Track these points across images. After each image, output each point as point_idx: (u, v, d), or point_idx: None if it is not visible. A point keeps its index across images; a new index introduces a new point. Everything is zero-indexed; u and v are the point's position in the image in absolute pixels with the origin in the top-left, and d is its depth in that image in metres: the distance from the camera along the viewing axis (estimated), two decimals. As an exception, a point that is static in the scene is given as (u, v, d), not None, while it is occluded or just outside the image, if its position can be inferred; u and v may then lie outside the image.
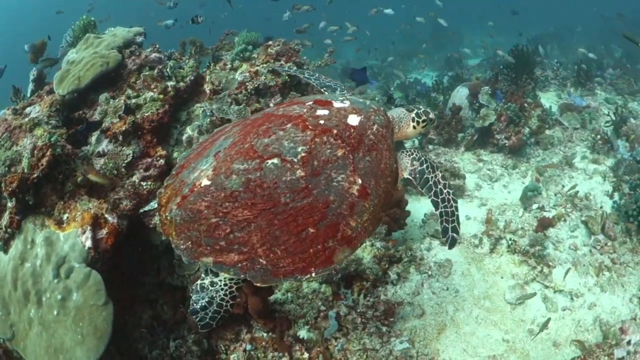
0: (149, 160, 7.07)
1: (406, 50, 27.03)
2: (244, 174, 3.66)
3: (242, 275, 3.55)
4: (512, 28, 23.61)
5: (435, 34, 27.97)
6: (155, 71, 7.65)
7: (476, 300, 7.98)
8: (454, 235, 4.32)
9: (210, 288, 4.04)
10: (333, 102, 4.22)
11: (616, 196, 10.05)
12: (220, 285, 4.02)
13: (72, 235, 6.10)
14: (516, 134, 11.37)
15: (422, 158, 4.47)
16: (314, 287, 7.11)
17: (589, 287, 8.32)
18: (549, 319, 7.40)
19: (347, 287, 7.24)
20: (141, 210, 5.58)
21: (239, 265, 3.54)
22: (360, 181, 3.77)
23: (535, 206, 9.87)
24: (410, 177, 4.41)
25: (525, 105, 11.72)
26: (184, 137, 7.34)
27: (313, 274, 3.59)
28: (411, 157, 4.46)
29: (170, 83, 7.55)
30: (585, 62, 15.00)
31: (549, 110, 12.13)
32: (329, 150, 3.77)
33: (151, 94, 7.41)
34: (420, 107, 4.90)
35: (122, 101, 7.36)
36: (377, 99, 14.68)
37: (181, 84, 7.68)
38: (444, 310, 7.74)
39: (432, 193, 4.37)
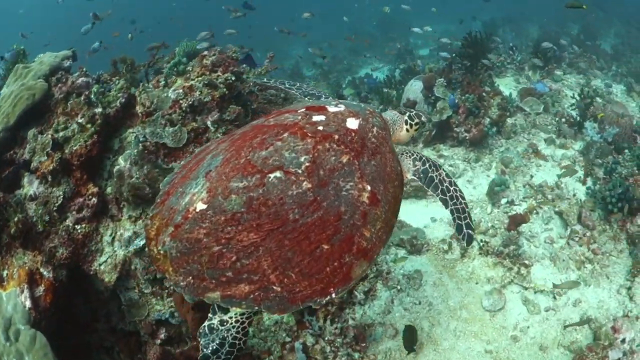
0: (81, 200, 6.48)
1: (355, 46, 26.52)
2: (245, 192, 3.41)
3: (256, 308, 3.28)
4: (466, 14, 23.39)
5: (384, 26, 27.80)
6: (82, 98, 6.91)
7: (452, 311, 7.41)
8: (469, 232, 4.32)
9: (221, 328, 3.65)
10: (327, 106, 4.03)
11: (589, 182, 9.54)
12: (232, 323, 3.65)
13: (13, 295, 5.76)
14: (476, 125, 10.77)
15: (424, 157, 4.45)
16: (275, 318, 6.54)
17: (571, 280, 7.81)
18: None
19: (311, 313, 6.68)
20: (128, 250, 5.07)
21: (251, 296, 3.27)
22: (369, 187, 3.60)
23: (504, 201, 9.29)
24: (415, 178, 4.38)
25: (484, 94, 11.16)
26: (115, 170, 6.61)
27: (333, 295, 3.38)
28: (412, 157, 4.45)
29: (97, 110, 6.80)
30: (542, 43, 14.55)
31: (509, 98, 11.60)
32: (333, 157, 3.58)
33: (78, 124, 6.72)
34: (412, 110, 4.90)
35: (49, 136, 6.66)
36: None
37: (109, 109, 6.95)
38: (418, 328, 7.12)
39: (439, 191, 4.37)
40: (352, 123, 3.86)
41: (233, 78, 7.01)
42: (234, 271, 3.28)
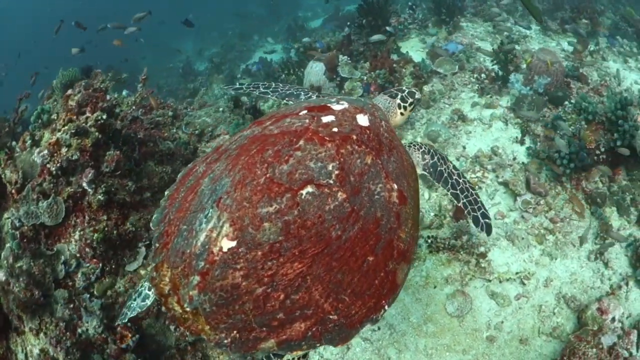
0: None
1: (244, 30, 25.40)
2: (278, 217, 3.03)
3: (318, 345, 3.05)
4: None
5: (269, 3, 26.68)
6: None
7: (417, 329, 6.68)
8: (487, 221, 4.26)
9: None
10: (330, 105, 3.77)
11: (527, 141, 8.80)
12: None
13: None
14: (392, 101, 9.84)
15: (432, 150, 4.40)
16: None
17: (536, 260, 7.32)
18: None
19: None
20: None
21: (309, 334, 3.02)
22: (396, 186, 3.42)
23: (439, 182, 8.43)
24: (425, 172, 4.33)
25: (394, 65, 10.23)
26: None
27: (386, 307, 3.24)
28: (420, 150, 4.38)
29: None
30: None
31: (421, 63, 10.72)
32: (359, 160, 3.34)
33: None
34: (402, 88, 4.72)
35: None
36: (225, 98, 12.98)
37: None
38: (385, 358, 6.42)
39: (449, 185, 4.32)
40: (363, 120, 3.64)
41: (104, 116, 6.09)
42: (285, 311, 2.98)
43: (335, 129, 3.44)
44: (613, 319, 6.32)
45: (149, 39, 21.15)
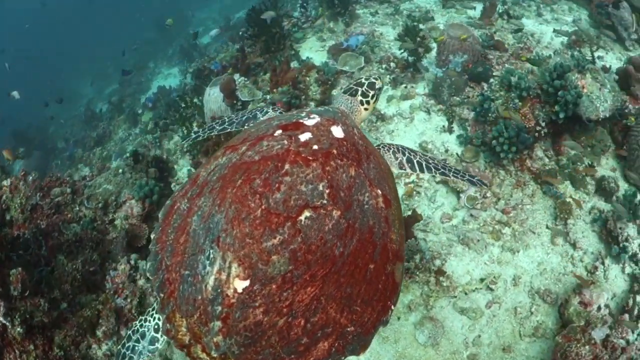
0: None
1: (139, 60, 24.28)
2: (284, 247, 3.03)
3: (343, 358, 3.15)
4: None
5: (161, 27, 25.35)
6: None
7: None
8: (476, 179, 4.48)
9: None
10: (302, 121, 3.73)
11: (456, 127, 8.22)
12: None
13: None
14: (303, 116, 9.12)
15: (400, 147, 4.46)
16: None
17: (498, 259, 6.84)
18: None
19: None
20: None
21: (333, 350, 3.11)
22: (380, 192, 3.50)
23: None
24: (402, 170, 4.40)
25: (297, 76, 9.49)
26: None
27: (392, 307, 3.37)
28: (391, 150, 4.42)
29: None
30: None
31: (324, 67, 10.02)
32: (344, 174, 3.37)
33: None
34: (362, 80, 4.65)
35: None
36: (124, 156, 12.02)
37: None
38: None
39: (433, 170, 4.42)
40: (338, 131, 3.67)
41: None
42: (307, 335, 3.06)
43: (315, 146, 3.45)
44: (599, 308, 5.96)
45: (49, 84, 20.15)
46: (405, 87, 9.31)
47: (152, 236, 3.60)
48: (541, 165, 7.33)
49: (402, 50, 9.80)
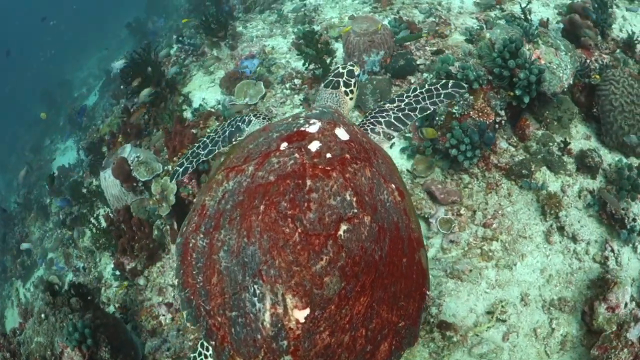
0: None
1: (34, 139, 22.50)
2: (332, 266, 3.08)
3: (402, 353, 3.34)
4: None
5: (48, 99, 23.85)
6: None
7: None
8: (451, 90, 4.57)
9: None
10: (305, 129, 3.66)
11: (396, 140, 7.19)
12: None
13: None
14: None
15: (372, 119, 4.50)
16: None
17: (497, 282, 6.04)
18: None
19: None
20: None
21: (393, 348, 3.28)
22: (393, 185, 3.57)
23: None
24: (389, 138, 4.42)
25: (194, 131, 8.20)
26: None
27: (428, 292, 3.53)
28: (370, 128, 4.43)
29: None
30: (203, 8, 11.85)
31: (221, 109, 8.79)
32: (362, 178, 3.42)
33: None
34: (340, 70, 4.76)
35: None
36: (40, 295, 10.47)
37: None
38: None
39: (413, 118, 4.48)
40: (342, 134, 3.64)
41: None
42: (370, 342, 3.17)
43: (328, 155, 3.43)
44: (625, 305, 5.43)
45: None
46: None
47: (175, 281, 3.55)
48: (509, 158, 6.39)
49: (305, 64, 8.62)
